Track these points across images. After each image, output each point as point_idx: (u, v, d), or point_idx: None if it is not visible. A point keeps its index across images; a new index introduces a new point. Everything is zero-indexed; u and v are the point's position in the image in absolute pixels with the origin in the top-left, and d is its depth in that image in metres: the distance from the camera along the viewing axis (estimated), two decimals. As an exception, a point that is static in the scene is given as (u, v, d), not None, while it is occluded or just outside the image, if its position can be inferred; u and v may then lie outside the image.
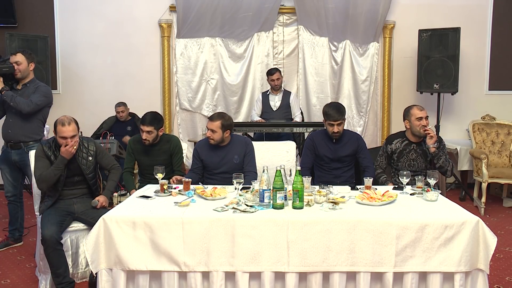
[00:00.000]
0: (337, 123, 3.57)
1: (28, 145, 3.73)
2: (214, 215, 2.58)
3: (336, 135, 3.62)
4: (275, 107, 5.50)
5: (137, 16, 5.98)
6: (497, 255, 3.77)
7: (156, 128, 3.61)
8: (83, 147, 3.32)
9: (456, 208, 2.73)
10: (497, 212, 5.04)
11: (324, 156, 3.69)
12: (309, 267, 2.50)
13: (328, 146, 3.69)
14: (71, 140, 3.15)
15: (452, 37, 5.42)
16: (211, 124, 3.52)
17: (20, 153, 3.75)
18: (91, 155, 3.34)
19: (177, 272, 2.54)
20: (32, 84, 3.78)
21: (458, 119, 6.07)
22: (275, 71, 5.47)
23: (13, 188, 3.89)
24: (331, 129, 3.60)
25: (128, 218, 2.58)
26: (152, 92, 6.07)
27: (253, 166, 3.59)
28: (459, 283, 2.49)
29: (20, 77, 3.75)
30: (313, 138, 3.77)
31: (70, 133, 3.15)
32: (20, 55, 3.75)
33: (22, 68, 3.74)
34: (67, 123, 3.16)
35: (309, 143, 3.76)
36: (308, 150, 3.76)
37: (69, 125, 3.16)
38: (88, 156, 3.32)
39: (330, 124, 3.60)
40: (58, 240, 2.97)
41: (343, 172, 3.71)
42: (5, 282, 3.30)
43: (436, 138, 3.51)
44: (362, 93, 6.15)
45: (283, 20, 6.12)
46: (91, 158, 3.33)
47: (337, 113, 3.56)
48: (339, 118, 3.57)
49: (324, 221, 2.51)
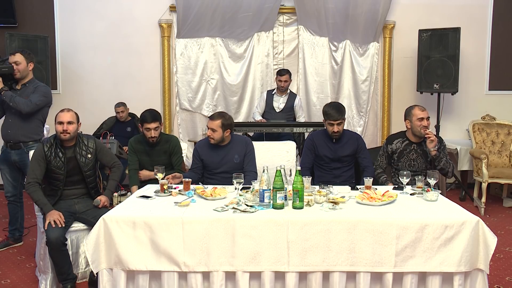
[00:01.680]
0: (337, 122, 3.58)
1: (28, 145, 3.73)
2: (214, 215, 2.58)
3: (336, 135, 3.63)
4: (278, 109, 5.48)
5: (137, 16, 5.98)
6: (497, 255, 3.77)
7: (160, 122, 3.68)
8: (83, 144, 3.31)
9: (456, 208, 2.73)
10: (497, 212, 5.04)
11: (324, 156, 3.69)
12: (309, 267, 2.50)
13: (328, 146, 3.69)
14: (67, 126, 3.16)
15: (452, 37, 5.42)
16: (211, 123, 3.52)
17: (20, 153, 3.75)
18: (90, 152, 3.32)
19: (177, 272, 2.54)
20: (31, 84, 3.78)
21: (458, 119, 6.07)
22: (285, 72, 5.42)
23: (13, 188, 3.89)
24: (331, 128, 3.61)
25: (128, 218, 2.58)
26: (152, 92, 6.07)
27: (253, 166, 3.59)
28: (459, 283, 2.49)
29: (19, 77, 3.74)
30: (313, 138, 3.77)
31: (67, 118, 3.18)
32: (19, 55, 3.74)
33: (21, 68, 3.74)
34: (66, 110, 3.24)
35: (309, 143, 3.77)
36: (308, 150, 3.76)
37: (68, 111, 3.23)
38: (88, 154, 3.30)
39: (330, 123, 3.60)
40: (63, 242, 2.99)
41: (343, 172, 3.71)
42: (5, 282, 3.30)
43: (437, 142, 3.51)
44: (362, 93, 6.15)
45: (283, 20, 6.12)
46: (90, 156, 3.31)
47: (337, 112, 3.57)
48: (339, 117, 3.57)
49: (324, 221, 2.51)
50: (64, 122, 3.17)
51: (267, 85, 6.07)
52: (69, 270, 3.06)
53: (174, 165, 3.75)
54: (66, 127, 3.17)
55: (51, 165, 3.21)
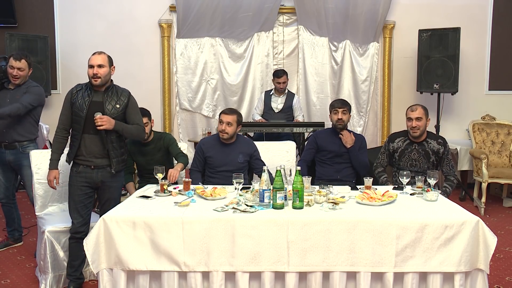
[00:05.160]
0: (342, 110, 3.71)
1: (23, 145, 3.69)
2: (214, 215, 2.58)
3: (340, 123, 3.72)
4: (277, 109, 5.47)
5: (137, 16, 5.99)
6: (497, 255, 3.77)
7: (149, 118, 3.63)
8: (114, 95, 3.02)
9: (456, 208, 2.73)
10: (497, 212, 5.03)
11: (328, 151, 3.77)
12: (309, 267, 2.50)
13: (333, 141, 3.77)
14: (97, 70, 2.93)
15: (452, 37, 5.42)
16: (227, 117, 3.52)
17: (15, 153, 3.69)
18: (120, 104, 3.02)
19: (177, 272, 2.54)
20: (24, 85, 3.72)
21: (458, 119, 6.07)
22: (282, 74, 5.39)
23: (5, 189, 3.83)
24: (335, 117, 3.73)
25: (128, 218, 2.58)
26: (152, 92, 6.07)
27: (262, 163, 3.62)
28: (459, 283, 2.49)
29: (19, 83, 3.68)
30: (317, 134, 3.91)
31: (98, 61, 2.94)
32: (24, 61, 3.66)
33: (24, 75, 3.68)
34: (98, 53, 2.99)
35: (312, 139, 3.90)
36: (309, 145, 3.89)
37: (99, 54, 2.99)
38: (116, 104, 3.00)
39: (335, 111, 3.75)
40: (87, 232, 2.93)
41: (344, 167, 3.77)
42: (5, 282, 3.30)
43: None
44: (362, 93, 6.15)
45: (283, 20, 6.12)
46: (119, 106, 3.01)
47: (341, 102, 3.80)
48: (343, 106, 3.73)
49: (324, 221, 2.51)
50: (95, 66, 2.93)
51: (267, 85, 6.07)
52: (79, 267, 3.07)
53: (175, 153, 3.65)
54: (96, 70, 2.93)
55: (75, 107, 3.00)
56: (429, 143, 3.57)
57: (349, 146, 3.72)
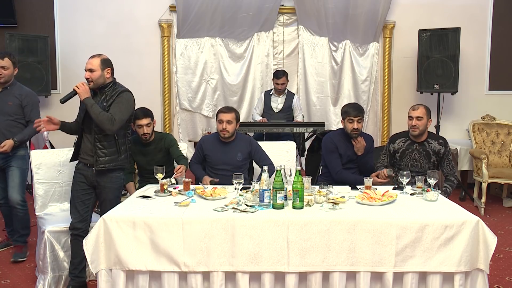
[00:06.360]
0: (357, 119, 3.60)
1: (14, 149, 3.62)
2: (214, 215, 2.58)
3: (356, 132, 3.63)
4: (276, 109, 5.47)
5: (137, 16, 5.99)
6: (497, 255, 3.77)
7: (152, 119, 3.64)
8: (109, 94, 3.02)
9: (456, 208, 2.73)
10: (497, 212, 5.03)
11: (344, 156, 3.69)
12: (309, 267, 2.50)
13: (348, 146, 3.70)
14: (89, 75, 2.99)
15: (452, 37, 5.42)
16: (226, 116, 3.55)
17: (5, 157, 3.63)
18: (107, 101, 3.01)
19: (177, 272, 2.54)
20: (13, 87, 3.66)
21: (458, 119, 6.07)
22: (282, 75, 5.38)
23: (2, 191, 3.81)
24: (350, 126, 3.62)
25: (128, 218, 2.58)
26: (152, 92, 6.07)
27: (267, 159, 3.65)
28: (459, 283, 2.49)
29: (3, 81, 3.61)
30: (333, 139, 3.72)
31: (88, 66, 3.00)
32: (7, 60, 3.60)
33: (8, 74, 3.61)
34: (91, 57, 3.03)
35: (331, 146, 3.69)
36: (332, 153, 3.69)
37: (92, 58, 3.03)
38: (103, 102, 3.00)
39: (350, 120, 3.62)
40: (85, 229, 3.02)
41: (353, 172, 3.73)
42: (5, 282, 3.30)
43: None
44: (362, 93, 6.15)
45: (283, 20, 6.12)
46: (106, 104, 3.00)
47: (356, 109, 3.64)
48: (359, 114, 3.62)
49: (324, 221, 2.51)
50: (87, 70, 3.01)
51: (267, 85, 6.07)
52: (79, 266, 3.08)
53: (176, 156, 3.68)
54: (88, 75, 3.00)
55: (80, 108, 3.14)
56: (430, 143, 3.57)
57: (360, 153, 3.67)
